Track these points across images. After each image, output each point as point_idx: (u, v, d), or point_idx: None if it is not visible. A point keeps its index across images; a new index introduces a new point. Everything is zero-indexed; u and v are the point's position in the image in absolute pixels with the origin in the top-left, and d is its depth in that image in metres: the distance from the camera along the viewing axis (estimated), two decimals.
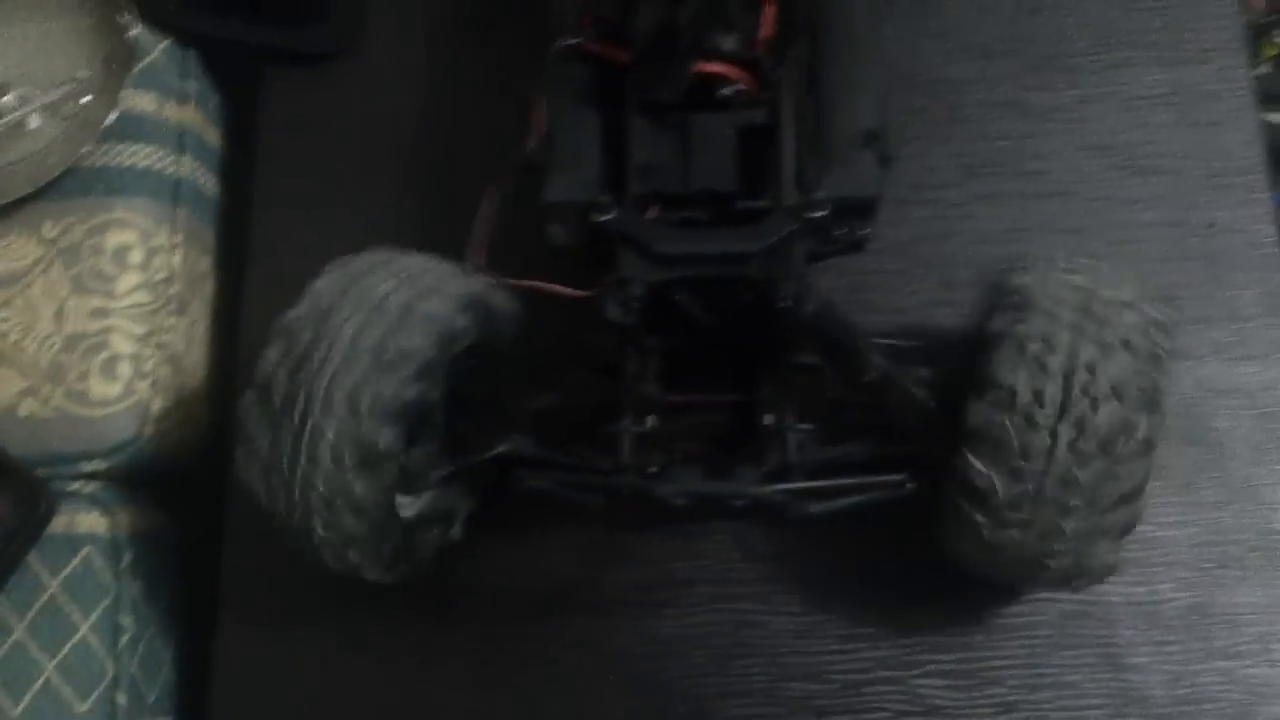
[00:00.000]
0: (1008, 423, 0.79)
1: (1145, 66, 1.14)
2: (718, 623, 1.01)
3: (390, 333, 0.83)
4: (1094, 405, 0.78)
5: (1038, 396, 0.79)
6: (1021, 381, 0.79)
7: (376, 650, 1.03)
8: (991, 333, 0.82)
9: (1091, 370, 0.79)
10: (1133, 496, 0.82)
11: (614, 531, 1.03)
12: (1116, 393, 0.79)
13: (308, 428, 0.82)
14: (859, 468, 0.92)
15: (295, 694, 1.04)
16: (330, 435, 0.81)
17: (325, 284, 0.87)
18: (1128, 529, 0.84)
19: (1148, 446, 0.80)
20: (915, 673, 0.99)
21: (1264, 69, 1.67)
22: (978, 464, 0.80)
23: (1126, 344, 0.80)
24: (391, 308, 0.84)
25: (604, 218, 0.87)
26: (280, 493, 0.85)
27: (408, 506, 0.91)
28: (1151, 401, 0.80)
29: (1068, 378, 0.79)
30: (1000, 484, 0.80)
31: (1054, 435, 0.79)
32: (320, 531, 0.86)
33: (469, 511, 0.98)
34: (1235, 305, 1.06)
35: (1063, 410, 0.79)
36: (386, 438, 0.82)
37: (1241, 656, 0.98)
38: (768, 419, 0.93)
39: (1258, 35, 1.66)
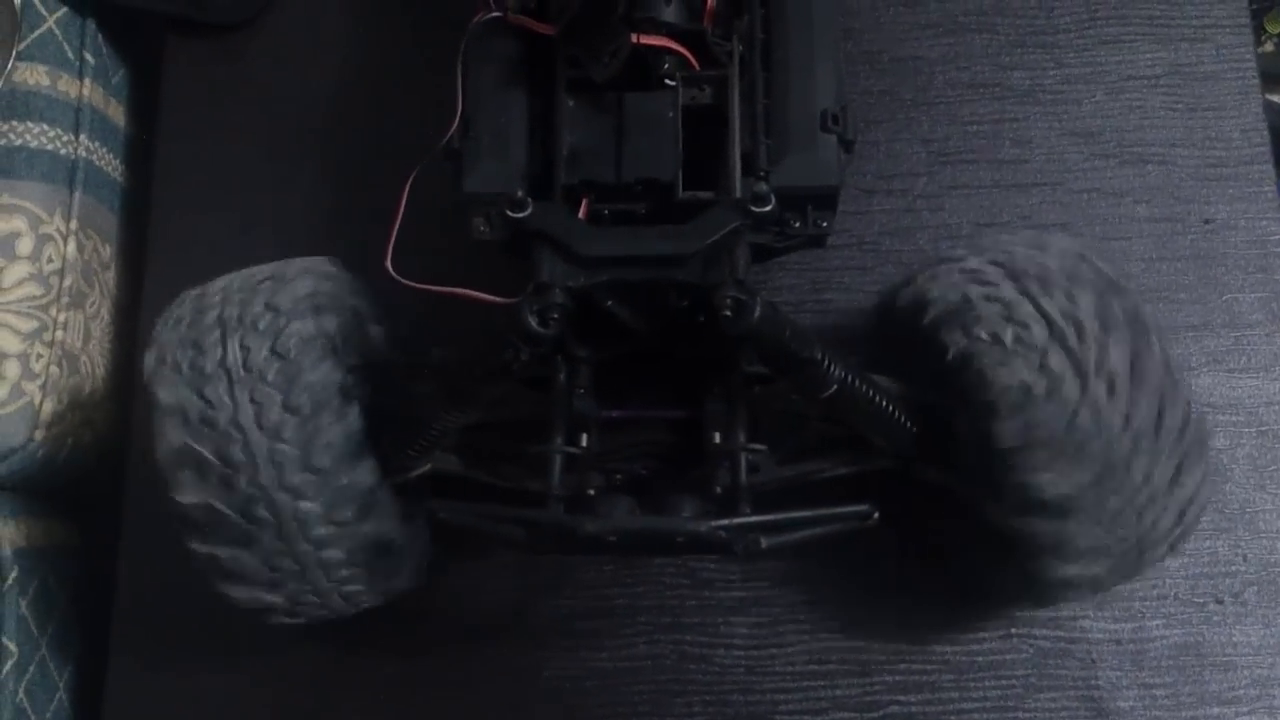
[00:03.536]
0: (1042, 413, 0.77)
1: (1137, 44, 1.11)
2: (659, 655, 0.98)
3: (286, 386, 0.81)
4: (1100, 342, 0.77)
5: (1048, 372, 0.77)
6: (1023, 368, 0.77)
7: (283, 680, 1.00)
8: (951, 353, 0.80)
9: (1072, 320, 0.77)
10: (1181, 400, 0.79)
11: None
12: (1102, 322, 0.77)
13: (292, 525, 0.81)
14: (819, 488, 0.88)
15: None
16: (319, 512, 0.81)
17: (177, 392, 0.82)
18: (1199, 441, 0.80)
19: (1168, 368, 0.78)
20: (875, 715, 0.96)
21: (1269, 47, 1.65)
22: (1047, 475, 0.77)
23: (1074, 278, 0.80)
24: (260, 364, 0.81)
25: (520, 214, 0.80)
26: (301, 591, 0.86)
27: None
28: (1138, 324, 0.78)
29: (1060, 339, 0.77)
30: (1076, 474, 0.77)
31: (1089, 398, 0.76)
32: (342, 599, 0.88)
33: None
34: (1234, 310, 1.03)
35: (1079, 369, 0.77)
36: (364, 473, 0.83)
37: (1238, 702, 0.95)
38: (716, 437, 0.87)
39: (1262, 10, 1.63)
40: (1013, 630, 0.96)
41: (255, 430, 0.79)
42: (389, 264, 0.88)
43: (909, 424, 0.85)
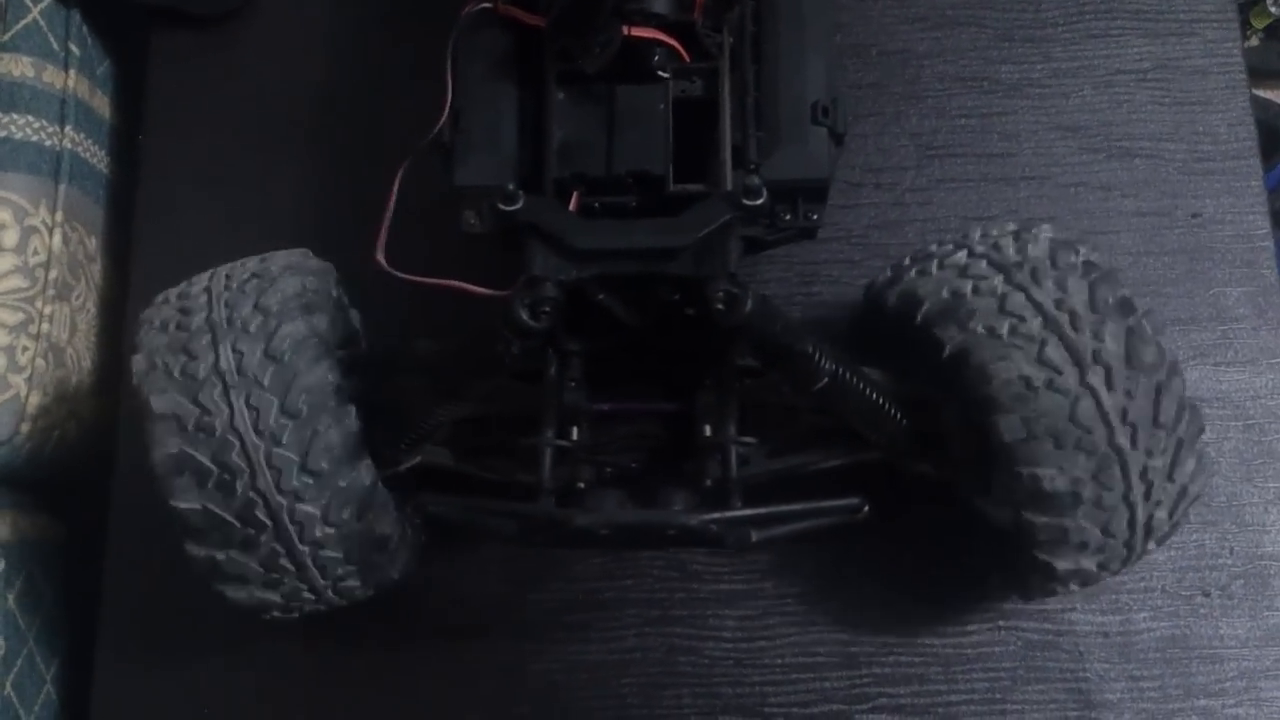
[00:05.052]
0: (1041, 406, 0.76)
1: (1125, 39, 1.11)
2: (648, 648, 0.98)
3: (282, 390, 0.80)
4: (1096, 331, 0.77)
5: (1047, 363, 0.77)
6: (1023, 361, 0.77)
7: (271, 673, 0.99)
8: (948, 347, 0.80)
9: (1066, 308, 0.77)
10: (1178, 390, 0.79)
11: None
12: (1095, 307, 0.77)
13: (290, 527, 0.80)
14: (810, 481, 0.87)
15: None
16: (317, 514, 0.81)
17: (172, 400, 0.81)
18: (1194, 430, 0.80)
19: (1160, 352, 0.78)
20: (864, 707, 0.96)
21: (1255, 41, 1.67)
22: (1048, 469, 0.77)
23: (1057, 262, 0.80)
24: (255, 367, 0.80)
25: (511, 208, 0.80)
26: (299, 590, 0.85)
27: None
28: (1123, 304, 0.78)
29: (1054, 327, 0.77)
30: (1079, 465, 0.77)
31: (1088, 387, 0.76)
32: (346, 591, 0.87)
33: None
34: (1221, 305, 1.03)
35: (1076, 358, 0.76)
36: (363, 474, 0.82)
37: (1224, 695, 0.95)
38: (706, 430, 0.87)
39: (1248, 5, 1.65)
40: (1001, 623, 0.95)
41: (252, 435, 0.78)
42: (380, 256, 0.88)
43: (900, 417, 0.85)
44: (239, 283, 0.84)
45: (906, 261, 0.87)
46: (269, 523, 0.79)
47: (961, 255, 0.83)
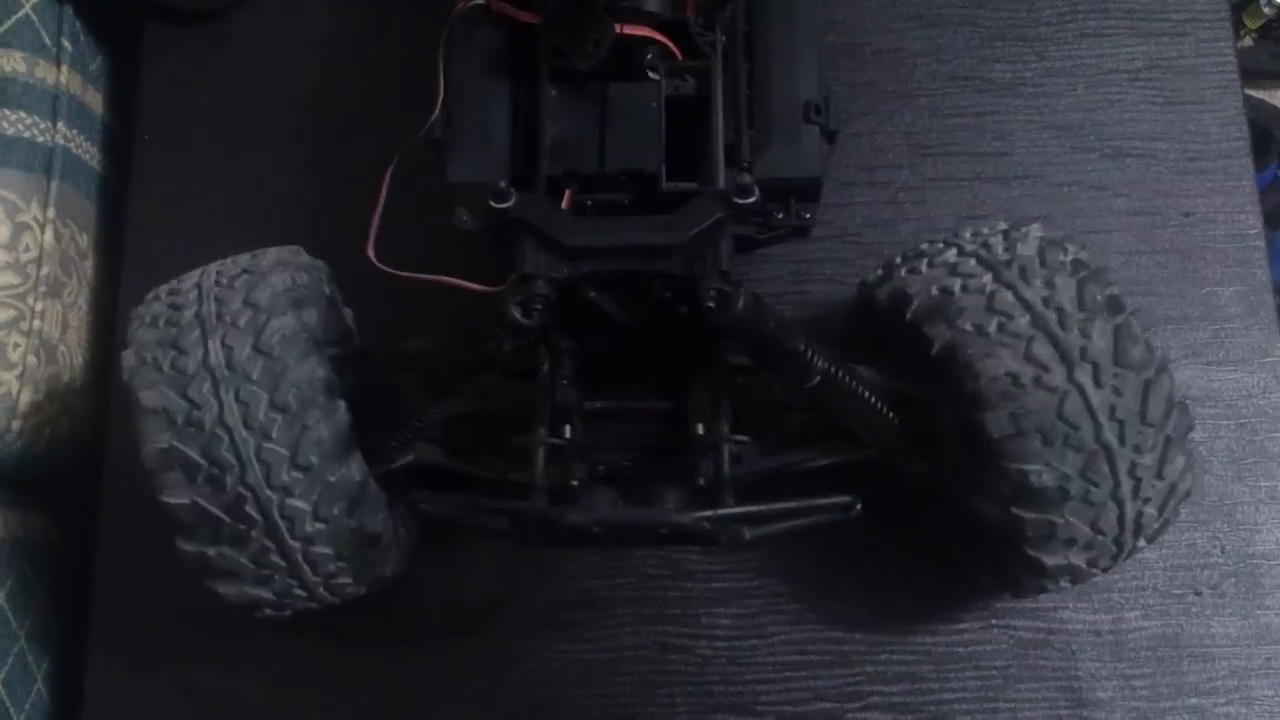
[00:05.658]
0: (1029, 404, 0.76)
1: (1118, 38, 1.11)
2: (641, 646, 0.98)
3: (272, 383, 0.79)
4: (1084, 330, 0.77)
5: (1034, 360, 0.76)
6: (1010, 358, 0.77)
7: (264, 672, 0.99)
8: (936, 344, 0.80)
9: (1054, 306, 0.77)
10: (1169, 402, 0.78)
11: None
12: (1083, 305, 0.77)
13: (280, 523, 0.80)
14: (802, 479, 0.87)
15: (176, 718, 0.99)
16: (307, 509, 0.80)
17: (163, 396, 0.80)
18: (1188, 429, 0.80)
19: (1150, 353, 0.78)
20: (856, 706, 0.95)
21: (1248, 42, 1.67)
22: (1036, 464, 0.77)
23: (1045, 260, 0.80)
24: (244, 361, 0.80)
25: (503, 205, 0.79)
26: (289, 587, 0.85)
27: None
28: (1113, 303, 0.78)
29: (1043, 327, 0.77)
30: (1068, 463, 0.77)
31: (1076, 386, 0.76)
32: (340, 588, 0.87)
33: None
34: (1213, 304, 1.03)
35: (1065, 358, 0.76)
36: (354, 469, 0.82)
37: (1215, 693, 0.95)
38: (699, 428, 0.86)
39: (1242, 5, 1.65)
40: (993, 621, 0.95)
41: (242, 429, 0.78)
42: (371, 252, 0.87)
43: (891, 415, 0.85)
44: (229, 278, 0.84)
45: (898, 260, 0.87)
46: (259, 518, 0.79)
47: (951, 253, 0.83)
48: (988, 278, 0.80)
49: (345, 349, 0.89)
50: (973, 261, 0.82)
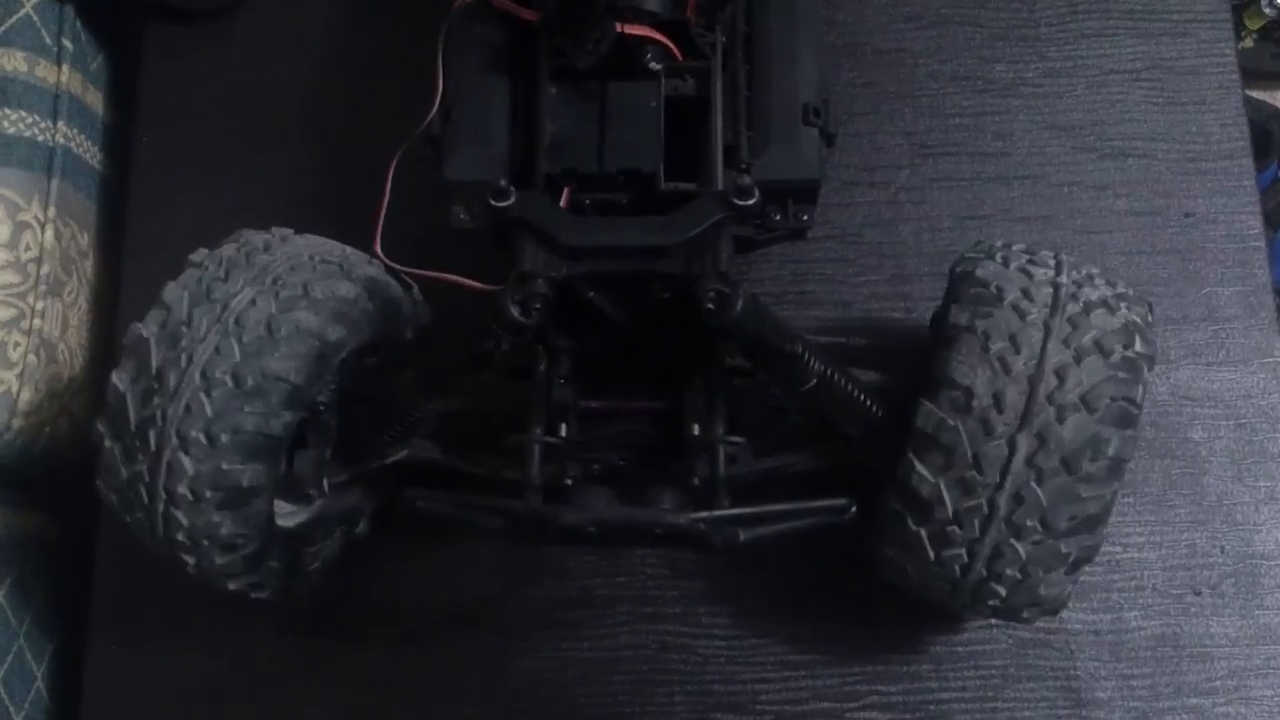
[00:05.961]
0: (961, 427, 0.75)
1: (1118, 38, 1.11)
2: (640, 645, 0.97)
3: (250, 355, 0.78)
4: (1060, 415, 0.74)
5: (997, 400, 0.74)
6: (980, 382, 0.75)
7: (266, 668, 0.98)
8: (950, 327, 0.78)
9: (1060, 376, 0.74)
10: (1096, 521, 0.76)
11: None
12: (1086, 403, 0.74)
13: (163, 464, 0.78)
14: (797, 482, 0.87)
15: (175, 716, 0.99)
16: (189, 472, 0.78)
17: (176, 293, 0.81)
18: (1086, 558, 0.78)
19: (1117, 466, 0.75)
20: (855, 705, 0.95)
21: (1248, 43, 1.67)
22: (924, 471, 0.76)
23: (1100, 348, 0.75)
24: (251, 323, 0.79)
25: (503, 203, 0.79)
26: (145, 528, 0.82)
27: (291, 515, 0.87)
28: (1124, 416, 0.75)
29: (1033, 382, 0.74)
30: (948, 495, 0.75)
31: (1012, 445, 0.74)
32: (192, 567, 0.83)
33: (373, 509, 0.94)
34: (1213, 304, 1.03)
35: (1024, 418, 0.74)
36: (252, 475, 0.79)
37: (1214, 693, 0.95)
38: (695, 429, 0.86)
39: (1242, 6, 1.65)
40: (992, 621, 0.95)
41: (197, 372, 0.78)
42: (378, 247, 0.88)
43: (885, 417, 0.84)
44: (262, 245, 0.85)
45: (999, 244, 0.84)
46: (152, 445, 0.78)
47: (1041, 271, 0.80)
48: (1036, 314, 0.77)
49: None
50: (1045, 289, 0.78)
